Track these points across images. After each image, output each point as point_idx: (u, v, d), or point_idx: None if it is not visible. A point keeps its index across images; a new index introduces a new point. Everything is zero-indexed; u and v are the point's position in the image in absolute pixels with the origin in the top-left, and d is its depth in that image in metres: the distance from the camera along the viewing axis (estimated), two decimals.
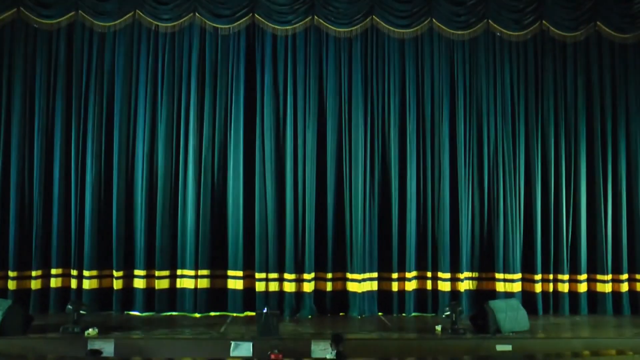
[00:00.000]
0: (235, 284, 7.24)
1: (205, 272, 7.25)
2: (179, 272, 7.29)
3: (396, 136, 7.46)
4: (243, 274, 7.24)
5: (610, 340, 6.22)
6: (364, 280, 7.30)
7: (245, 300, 7.22)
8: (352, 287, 7.30)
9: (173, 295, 7.25)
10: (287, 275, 7.25)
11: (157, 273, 7.23)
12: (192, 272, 7.24)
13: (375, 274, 7.37)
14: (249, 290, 7.27)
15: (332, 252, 7.35)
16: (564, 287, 7.48)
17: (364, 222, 7.33)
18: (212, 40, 7.41)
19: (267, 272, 7.27)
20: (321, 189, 7.38)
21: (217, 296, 7.26)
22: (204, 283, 7.22)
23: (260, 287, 7.24)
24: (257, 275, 7.27)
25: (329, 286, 7.35)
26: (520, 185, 7.53)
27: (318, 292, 7.32)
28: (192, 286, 7.21)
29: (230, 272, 7.27)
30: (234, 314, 7.12)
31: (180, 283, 7.25)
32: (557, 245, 7.50)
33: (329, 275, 7.34)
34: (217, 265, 7.30)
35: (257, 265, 7.27)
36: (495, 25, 7.53)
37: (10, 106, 7.30)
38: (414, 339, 6.22)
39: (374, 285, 7.35)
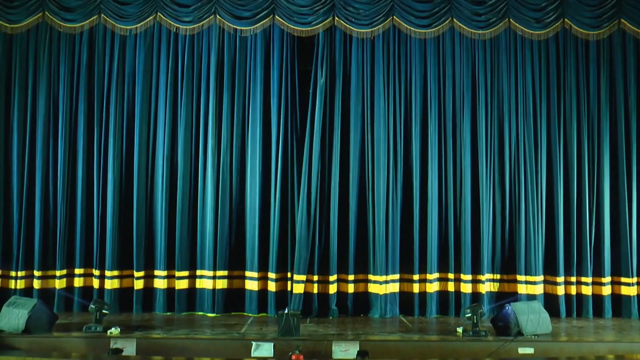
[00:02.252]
0: (253, 284, 7.29)
1: (223, 272, 7.32)
2: (198, 272, 7.37)
3: (418, 136, 7.44)
4: (258, 275, 7.28)
5: (636, 345, 6.10)
6: (386, 282, 7.30)
7: (261, 301, 7.26)
8: (374, 288, 7.30)
9: (193, 296, 7.33)
10: (313, 277, 7.25)
11: (177, 274, 7.32)
12: (210, 273, 7.31)
13: (397, 276, 7.36)
14: (265, 291, 7.29)
15: (355, 253, 7.36)
16: (588, 290, 7.38)
17: (387, 223, 7.32)
18: (232, 41, 7.48)
19: (299, 272, 7.22)
20: (344, 190, 7.39)
21: (235, 297, 7.32)
22: (222, 284, 7.29)
23: (273, 288, 7.26)
24: (270, 276, 7.30)
25: (350, 288, 7.35)
26: (542, 186, 7.45)
27: (340, 294, 7.33)
28: (210, 287, 7.28)
29: (247, 273, 7.33)
30: (251, 315, 7.16)
31: (200, 283, 7.33)
32: (580, 247, 7.41)
33: (351, 277, 7.34)
34: (235, 266, 7.36)
35: (290, 266, 7.28)
36: (516, 24, 7.45)
37: (36, 108, 7.47)
38: (435, 341, 6.22)
39: (395, 287, 7.35)
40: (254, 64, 7.44)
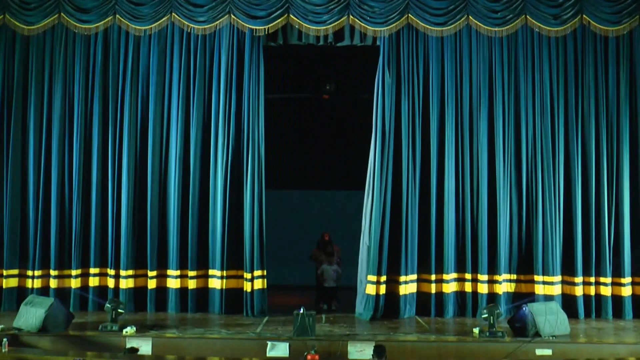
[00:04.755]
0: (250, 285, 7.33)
1: (231, 272, 7.42)
2: (210, 272, 7.46)
3: (435, 135, 7.47)
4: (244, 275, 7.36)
5: None
6: (405, 282, 7.32)
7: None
8: (394, 289, 7.31)
9: (204, 295, 7.42)
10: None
11: (189, 273, 7.42)
12: (219, 273, 7.40)
13: (415, 276, 7.38)
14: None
15: (379, 254, 7.33)
16: (607, 291, 7.35)
17: (406, 223, 7.35)
18: (245, 41, 7.53)
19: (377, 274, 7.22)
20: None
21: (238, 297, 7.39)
22: (228, 284, 7.38)
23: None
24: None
25: (371, 289, 7.32)
26: (559, 184, 7.44)
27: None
28: (219, 287, 7.37)
29: (246, 275, 7.37)
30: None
31: (211, 283, 7.44)
32: (599, 246, 7.39)
33: (373, 278, 7.33)
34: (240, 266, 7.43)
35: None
36: (533, 21, 7.45)
37: (52, 108, 7.62)
38: (451, 342, 6.24)
39: (413, 288, 7.38)
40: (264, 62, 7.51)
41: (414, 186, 7.42)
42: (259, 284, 7.32)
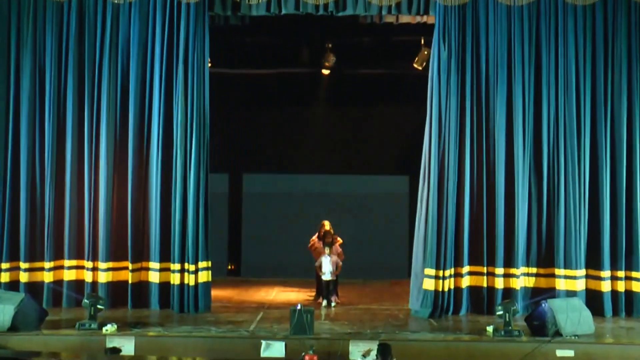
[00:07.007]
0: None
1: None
2: (186, 266, 7.27)
3: (454, 116, 7.25)
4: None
5: None
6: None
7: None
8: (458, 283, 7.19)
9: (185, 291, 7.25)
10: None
11: (171, 266, 7.26)
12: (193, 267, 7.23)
13: (433, 272, 7.16)
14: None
15: None
16: (638, 286, 7.21)
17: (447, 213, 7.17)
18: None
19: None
20: None
21: None
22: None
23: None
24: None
25: (430, 284, 7.15)
26: (585, 169, 7.28)
27: None
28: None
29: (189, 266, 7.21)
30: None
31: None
32: (630, 238, 7.23)
33: (432, 272, 7.14)
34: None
35: None
36: None
37: (19, 86, 7.38)
38: (463, 341, 6.14)
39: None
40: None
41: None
42: (203, 276, 7.22)
